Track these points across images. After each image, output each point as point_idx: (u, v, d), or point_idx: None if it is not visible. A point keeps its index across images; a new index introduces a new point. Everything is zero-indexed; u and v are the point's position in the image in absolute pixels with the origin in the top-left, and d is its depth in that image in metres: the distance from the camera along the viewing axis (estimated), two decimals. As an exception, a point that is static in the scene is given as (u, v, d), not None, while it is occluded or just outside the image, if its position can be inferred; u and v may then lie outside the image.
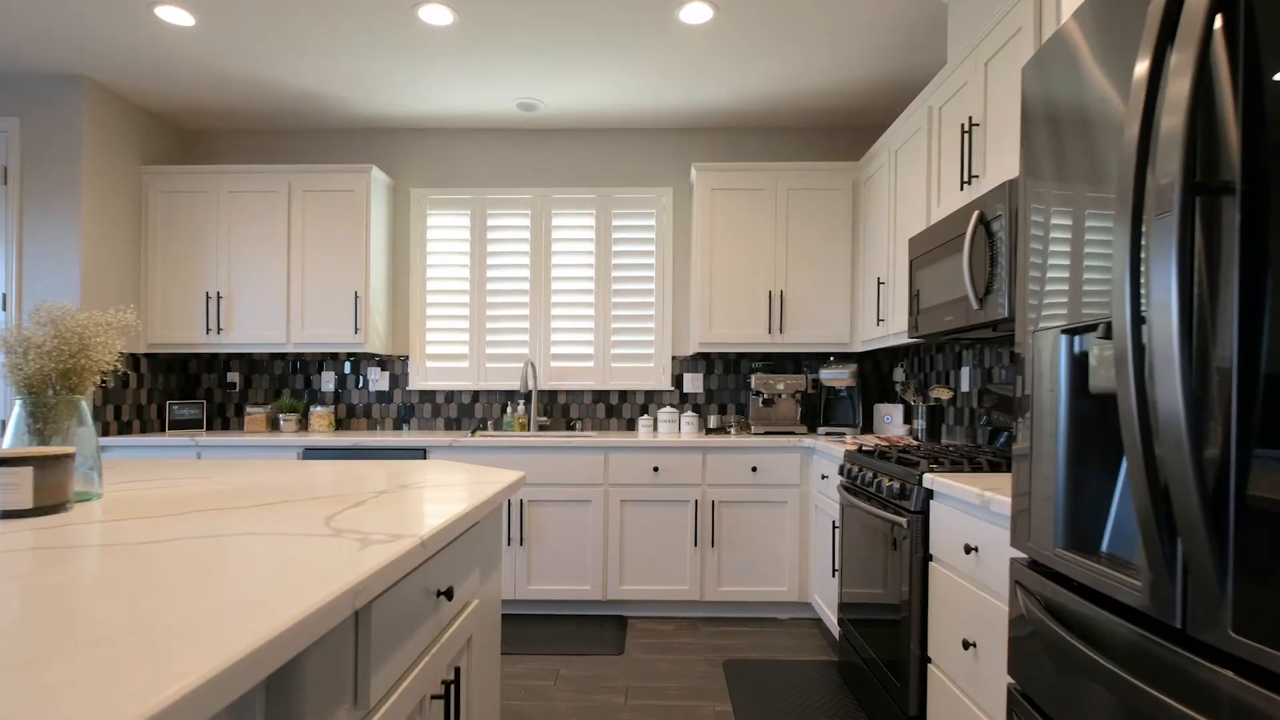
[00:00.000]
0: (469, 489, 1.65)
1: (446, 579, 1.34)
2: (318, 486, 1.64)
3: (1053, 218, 1.21)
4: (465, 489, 1.65)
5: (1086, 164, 1.11)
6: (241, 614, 0.72)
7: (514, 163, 4.07)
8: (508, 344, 4.05)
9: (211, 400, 4.09)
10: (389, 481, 1.74)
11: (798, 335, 3.69)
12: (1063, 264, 1.17)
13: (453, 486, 1.69)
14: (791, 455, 3.40)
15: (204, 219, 3.76)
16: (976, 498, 1.64)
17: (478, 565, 1.63)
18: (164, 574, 0.87)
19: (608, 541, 3.40)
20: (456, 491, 1.61)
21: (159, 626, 0.68)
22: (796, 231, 3.70)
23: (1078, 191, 1.13)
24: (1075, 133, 1.15)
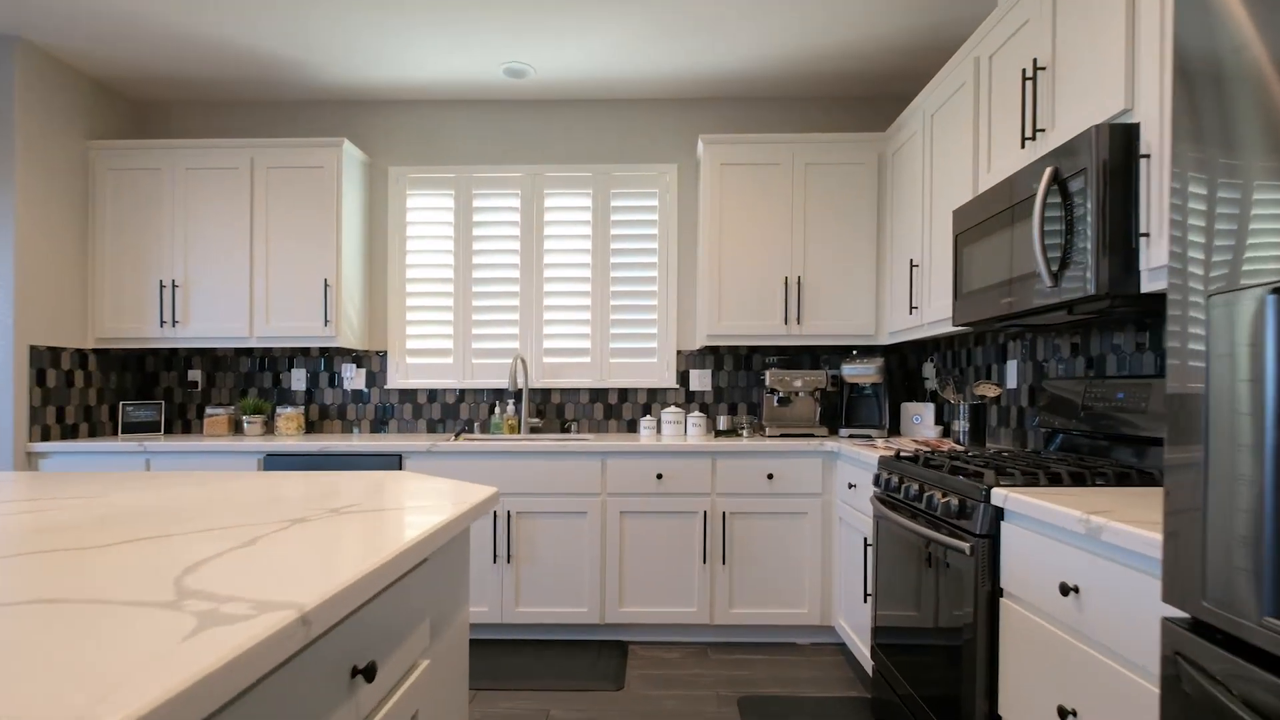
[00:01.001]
0: (423, 513, 1.28)
1: (366, 651, 0.97)
2: (219, 513, 1.27)
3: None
4: (417, 513, 1.28)
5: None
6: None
7: (502, 137, 3.70)
8: (496, 338, 3.67)
9: (171, 401, 3.72)
10: (319, 504, 1.37)
11: (817, 326, 3.31)
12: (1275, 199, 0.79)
13: (401, 510, 1.31)
14: (812, 461, 3.01)
15: (157, 199, 3.39)
16: (1080, 524, 1.26)
17: (427, 615, 1.25)
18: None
19: (606, 558, 3.03)
20: (404, 518, 1.23)
21: None
22: (815, 211, 3.32)
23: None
24: None
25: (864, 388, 3.39)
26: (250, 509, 1.30)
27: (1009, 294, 1.94)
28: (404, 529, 1.14)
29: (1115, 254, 1.60)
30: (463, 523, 1.33)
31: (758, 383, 3.65)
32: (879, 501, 2.21)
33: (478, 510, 1.43)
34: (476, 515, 1.42)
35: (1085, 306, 1.74)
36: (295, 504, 1.36)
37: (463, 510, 1.33)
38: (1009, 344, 2.73)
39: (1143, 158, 1.57)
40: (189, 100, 3.69)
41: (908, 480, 2.05)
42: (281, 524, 1.16)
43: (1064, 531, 1.35)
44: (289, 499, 1.42)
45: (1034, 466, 1.79)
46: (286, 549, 0.98)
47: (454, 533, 1.27)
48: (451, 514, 1.28)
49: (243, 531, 1.10)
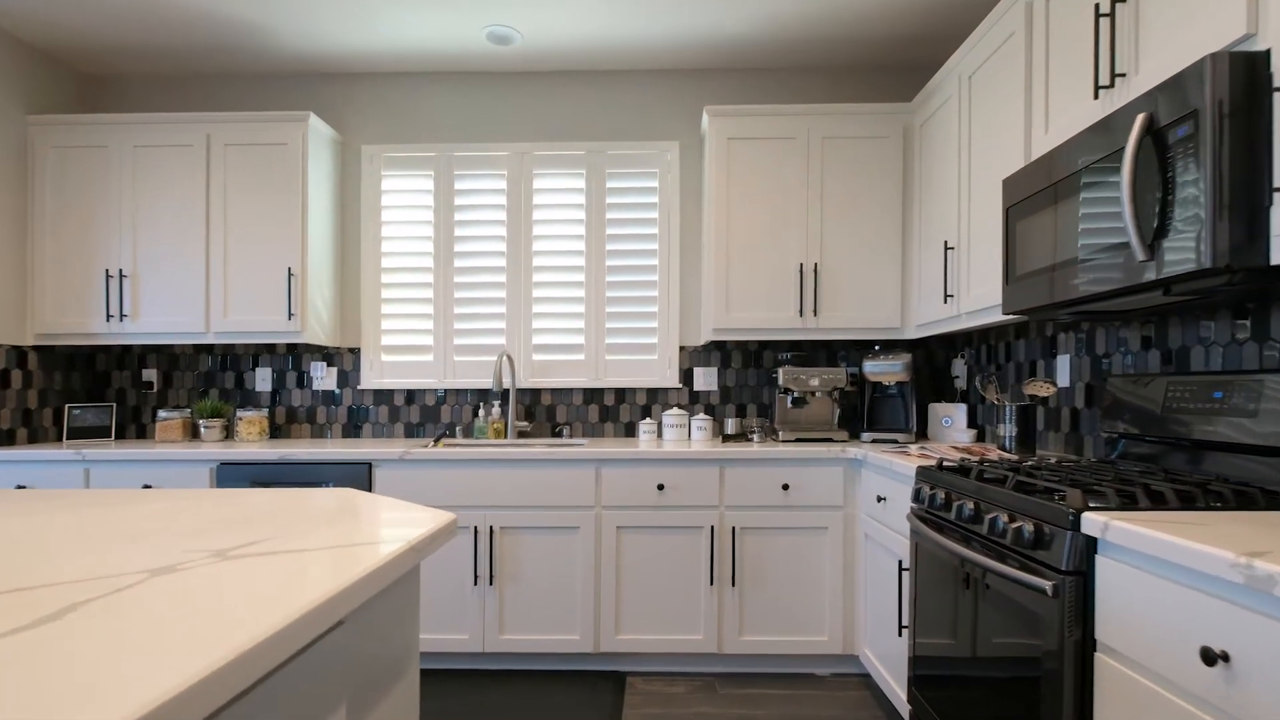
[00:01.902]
0: (350, 553, 0.95)
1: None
2: (57, 557, 0.93)
3: None
4: (343, 554, 0.95)
5: None
6: None
7: (487, 112, 3.36)
8: (480, 333, 3.34)
9: (124, 403, 3.39)
10: (211, 540, 1.03)
11: (835, 319, 2.97)
12: None
13: (319, 551, 0.98)
14: (832, 469, 2.68)
15: (103, 179, 3.06)
16: (1235, 569, 0.92)
17: (344, 697, 0.91)
18: None
19: (600, 578, 2.69)
20: (317, 563, 0.90)
21: None
22: (834, 190, 2.98)
23: None
24: None
25: (888, 387, 3.05)
26: (109, 549, 0.96)
27: (1085, 273, 1.61)
28: (307, 583, 0.81)
29: (1236, 216, 1.26)
30: (401, 565, 0.99)
31: (769, 381, 3.32)
32: (919, 520, 1.87)
33: (426, 545, 1.09)
34: (428, 549, 1.09)
35: (1189, 285, 1.40)
36: (178, 540, 1.02)
37: (399, 550, 0.99)
38: (1059, 336, 2.40)
39: (1276, 91, 1.24)
40: (143, 74, 3.36)
41: (958, 497, 1.71)
42: (135, 577, 0.83)
43: (1203, 577, 1.02)
44: (175, 532, 1.08)
45: (1122, 482, 1.45)
46: (111, 625, 0.65)
47: (385, 581, 0.93)
48: (393, 549, 0.94)
49: (61, 594, 0.76)
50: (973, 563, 1.54)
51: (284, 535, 1.08)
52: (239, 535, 1.08)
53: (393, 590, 1.14)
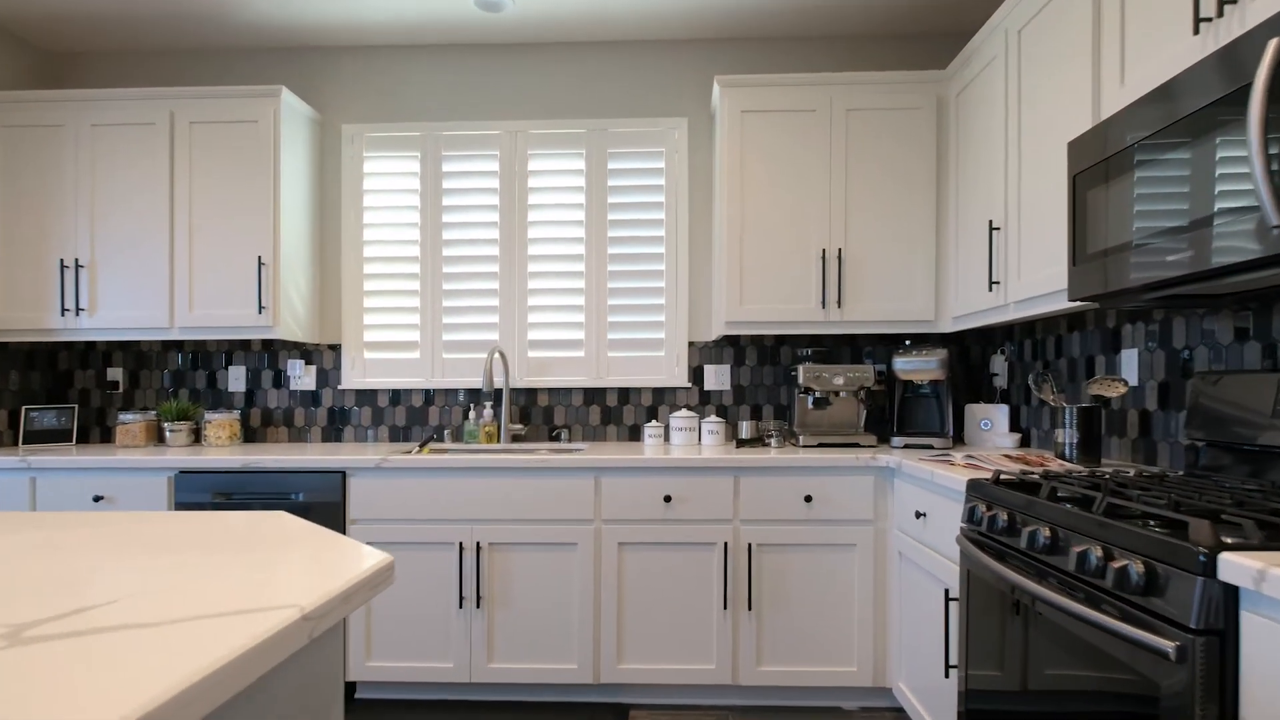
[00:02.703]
0: (205, 630, 0.66)
1: None
2: None
3: None
4: (195, 630, 0.66)
5: None
6: None
7: (478, 88, 3.08)
8: (471, 327, 3.06)
9: (87, 404, 3.13)
10: (14, 608, 0.75)
11: (860, 310, 2.67)
12: None
13: (177, 625, 0.69)
14: (861, 479, 2.38)
15: (59, 161, 2.80)
16: None
17: None
18: None
19: (601, 601, 2.41)
20: (156, 643, 0.61)
21: None
22: (859, 167, 2.68)
23: None
24: None
25: (920, 386, 2.75)
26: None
27: (1183, 248, 1.31)
28: (132, 684, 0.52)
29: None
30: (282, 645, 0.71)
31: (787, 380, 3.02)
32: (973, 544, 1.57)
33: (327, 612, 0.81)
34: (324, 621, 0.80)
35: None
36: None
37: (272, 631, 0.71)
38: (1124, 328, 2.09)
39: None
40: (106, 49, 3.10)
41: (1028, 521, 1.41)
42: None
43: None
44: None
45: (1246, 507, 1.15)
46: None
47: (253, 674, 0.65)
48: (251, 642, 0.66)
49: None
50: (1050, 604, 1.24)
51: (138, 594, 0.80)
52: (73, 595, 0.80)
53: (279, 676, 0.85)
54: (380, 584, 0.98)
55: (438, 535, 2.42)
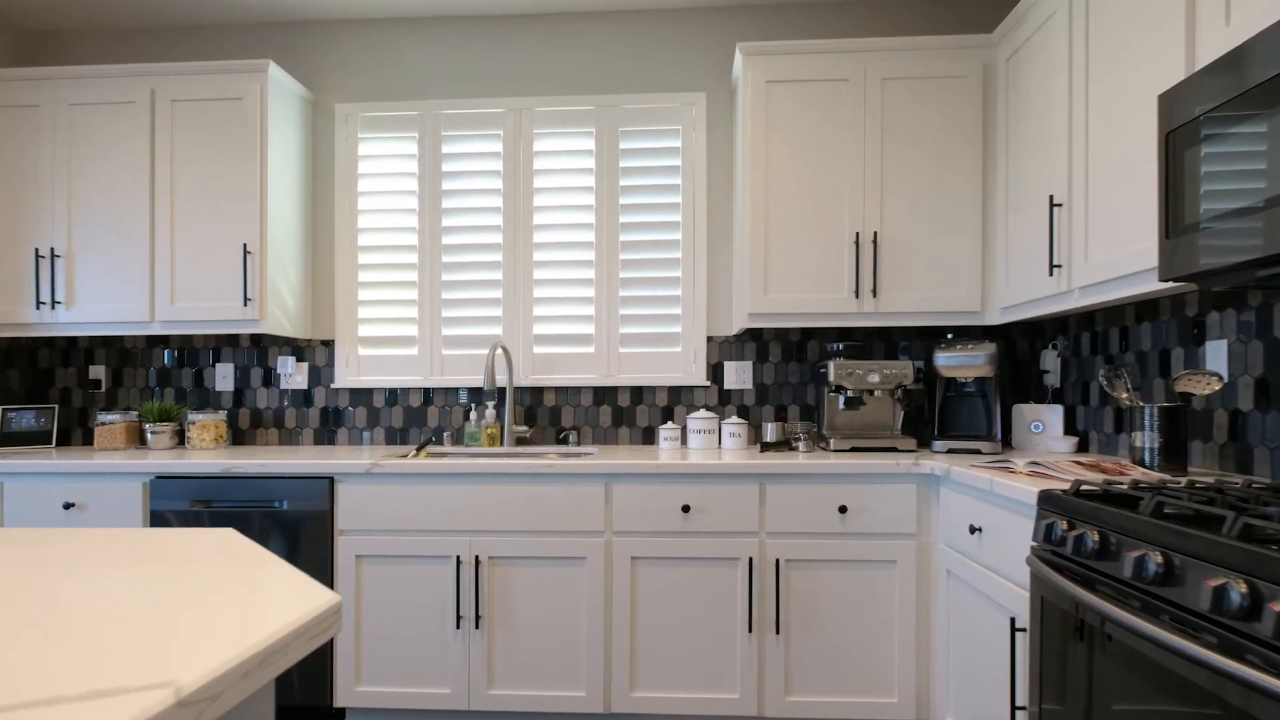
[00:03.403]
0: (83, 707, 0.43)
1: None
2: None
3: None
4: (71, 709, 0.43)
5: None
6: None
7: (480, 63, 2.86)
8: (473, 321, 2.84)
9: (69, 404, 2.95)
10: None
11: (898, 300, 2.42)
12: None
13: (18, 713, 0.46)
14: (902, 488, 2.13)
15: (35, 144, 2.62)
16: None
17: None
18: None
19: (612, 621, 2.18)
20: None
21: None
22: (896, 142, 2.43)
23: None
24: None
25: (965, 384, 2.49)
26: None
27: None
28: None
29: None
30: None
31: (814, 378, 2.77)
32: (1051, 568, 1.32)
33: (211, 692, 0.58)
34: (216, 702, 0.58)
35: None
36: None
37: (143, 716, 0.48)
38: (1210, 316, 1.82)
39: None
40: (89, 27, 2.92)
41: (1133, 544, 1.16)
42: None
43: None
44: None
45: None
46: None
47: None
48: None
49: None
50: (1170, 649, 0.99)
51: (10, 659, 0.58)
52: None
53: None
54: (321, 633, 0.76)
55: (433, 547, 2.20)
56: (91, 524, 2.27)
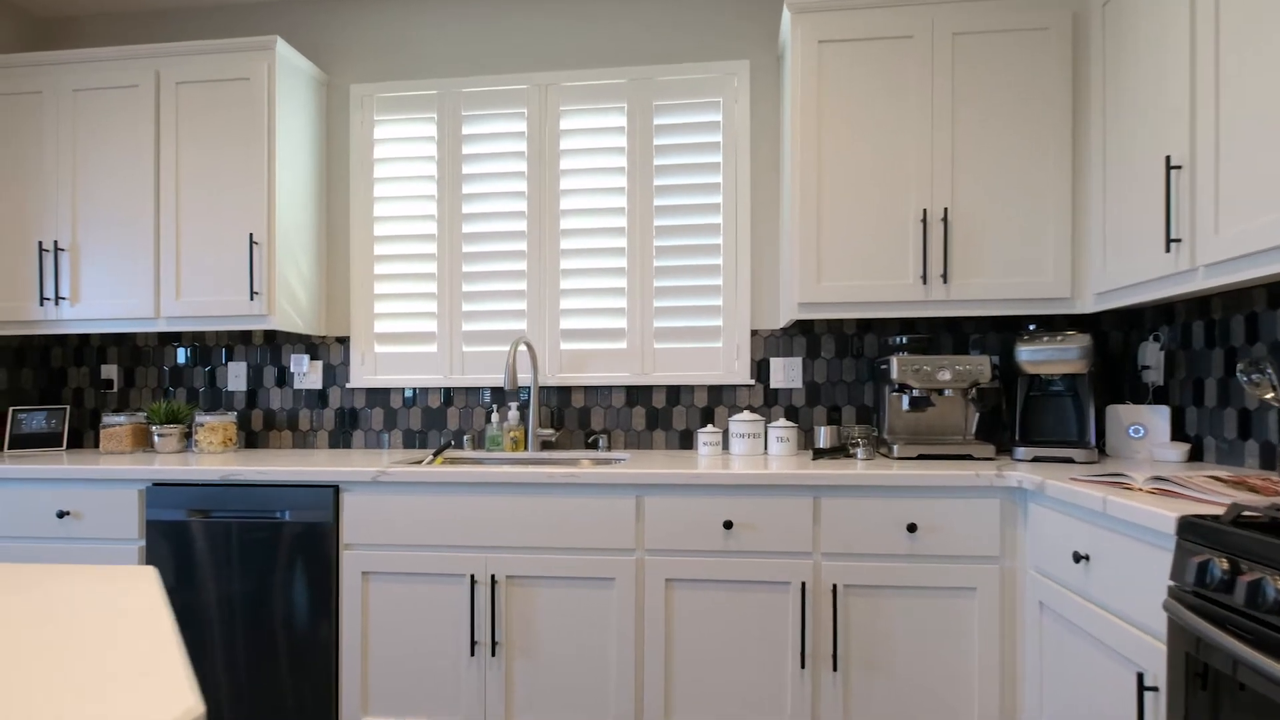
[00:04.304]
0: None
1: None
2: None
3: None
4: None
5: None
6: None
7: (502, 36, 2.64)
8: (496, 315, 2.62)
9: (82, 404, 2.83)
10: None
11: (972, 287, 2.11)
12: None
13: None
14: (982, 503, 1.82)
15: (39, 133, 2.50)
16: None
17: None
18: None
19: (644, 651, 1.92)
20: None
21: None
22: (969, 106, 2.12)
23: None
24: None
25: (1051, 382, 2.16)
26: None
27: None
28: None
29: None
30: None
31: (873, 375, 2.47)
32: (1205, 619, 1.02)
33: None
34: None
35: None
36: None
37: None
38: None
39: None
40: (98, 11, 2.80)
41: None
42: None
43: None
44: None
45: None
46: None
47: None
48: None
49: None
50: None
51: None
52: None
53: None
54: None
55: (445, 565, 1.98)
56: (86, 534, 2.11)
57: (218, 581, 2.06)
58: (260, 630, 2.04)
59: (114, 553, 2.10)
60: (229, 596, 2.06)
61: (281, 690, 2.04)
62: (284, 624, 2.03)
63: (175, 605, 2.07)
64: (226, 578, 2.06)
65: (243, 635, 2.05)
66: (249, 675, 2.05)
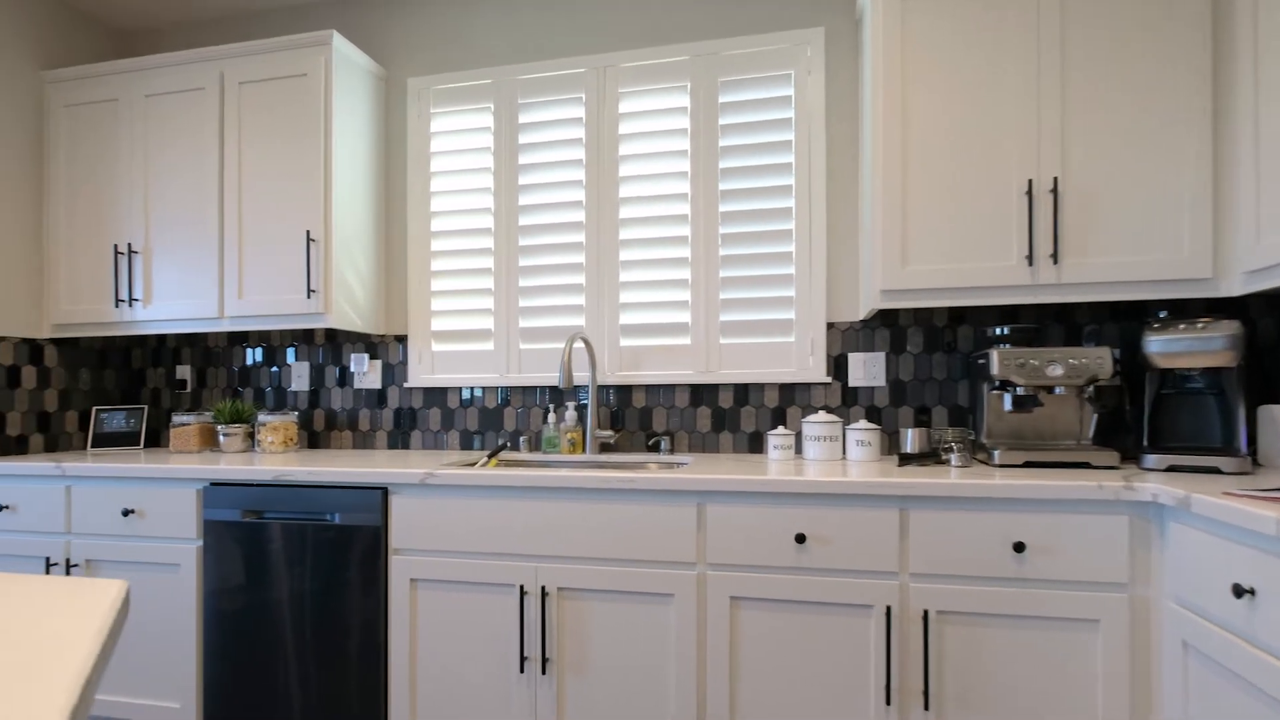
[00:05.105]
0: None
1: None
2: None
3: None
4: None
5: None
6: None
7: (558, 18, 2.53)
8: (553, 311, 2.50)
9: (159, 404, 2.90)
10: None
11: (1090, 267, 1.82)
12: None
13: None
14: (1107, 519, 1.54)
15: (114, 139, 2.56)
16: None
17: None
18: None
19: (706, 675, 1.74)
20: None
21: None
22: (1084, 58, 1.83)
23: None
24: None
25: (1189, 377, 1.84)
26: None
27: None
28: None
29: None
30: None
31: (968, 371, 2.20)
32: None
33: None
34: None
35: None
36: None
37: None
38: None
39: None
40: (170, 22, 2.86)
41: None
42: None
43: None
44: None
45: None
46: None
47: None
48: None
49: None
50: None
51: None
52: None
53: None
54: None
55: (493, 574, 1.86)
56: (148, 533, 2.12)
57: (269, 583, 2.02)
58: (309, 634, 1.98)
59: (174, 551, 2.09)
60: (280, 598, 2.01)
61: (330, 697, 1.97)
62: (333, 629, 1.97)
63: (230, 605, 2.04)
64: (277, 579, 2.01)
65: (292, 638, 2.00)
66: (300, 680, 1.99)
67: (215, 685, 2.06)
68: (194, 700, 2.07)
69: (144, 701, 2.12)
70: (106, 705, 2.14)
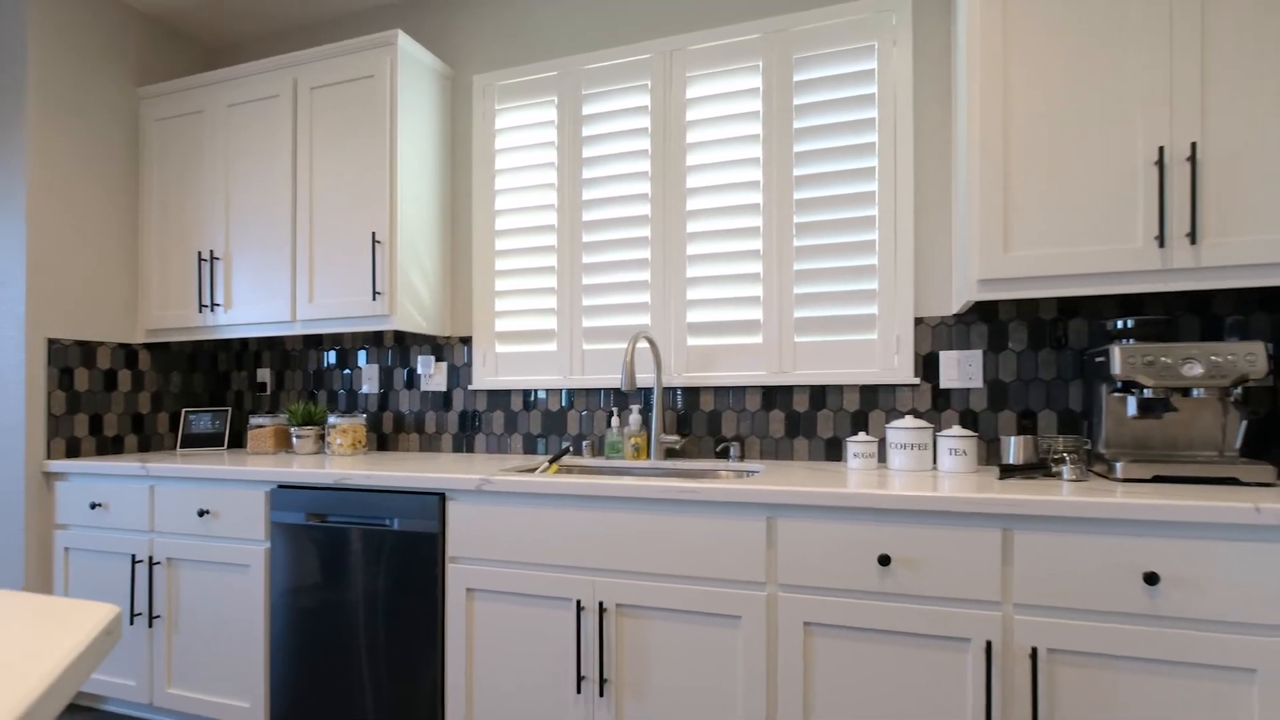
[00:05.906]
0: None
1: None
2: None
3: None
4: None
5: None
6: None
7: (619, 3, 2.42)
8: (617, 310, 2.39)
9: (242, 406, 2.99)
10: None
11: (1231, 248, 1.54)
12: None
13: None
14: (1264, 549, 1.28)
15: (200, 148, 2.65)
16: None
17: None
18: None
19: (777, 707, 1.57)
20: None
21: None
22: (1224, 16, 1.56)
23: None
24: None
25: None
26: None
27: None
28: None
29: None
30: None
31: (1084, 371, 1.93)
32: None
33: None
34: None
35: None
36: None
37: None
38: None
39: None
40: (253, 35, 2.95)
41: None
42: None
43: None
44: None
45: None
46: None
47: None
48: None
49: None
50: None
51: None
52: None
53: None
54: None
55: (549, 586, 1.76)
56: (221, 533, 2.15)
57: (331, 586, 2.00)
58: (370, 640, 1.95)
59: (243, 552, 2.12)
60: (342, 602, 1.99)
61: (389, 705, 1.92)
62: (391, 637, 1.92)
63: (295, 607, 2.04)
64: (339, 583, 1.99)
65: (354, 643, 1.97)
66: (360, 687, 1.96)
67: (282, 687, 2.06)
68: (262, 701, 2.08)
69: (218, 700, 2.15)
70: (184, 701, 2.19)
